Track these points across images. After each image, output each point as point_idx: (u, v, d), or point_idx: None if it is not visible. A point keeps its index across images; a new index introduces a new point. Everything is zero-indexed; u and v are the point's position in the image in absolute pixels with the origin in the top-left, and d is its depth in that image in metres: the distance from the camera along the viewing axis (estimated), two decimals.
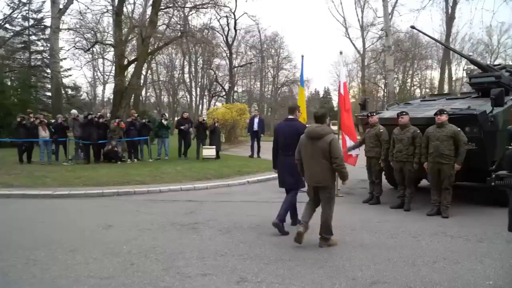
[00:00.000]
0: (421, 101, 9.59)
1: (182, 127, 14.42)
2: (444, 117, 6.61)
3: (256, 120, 15.61)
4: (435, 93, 24.77)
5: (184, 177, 10.27)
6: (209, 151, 13.95)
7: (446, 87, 39.22)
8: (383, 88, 65.89)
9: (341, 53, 8.86)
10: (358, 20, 53.57)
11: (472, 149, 6.78)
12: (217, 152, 14.81)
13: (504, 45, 50.47)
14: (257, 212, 7.00)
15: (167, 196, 8.49)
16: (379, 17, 44.66)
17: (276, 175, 6.06)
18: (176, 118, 29.40)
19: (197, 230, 5.79)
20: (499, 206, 7.23)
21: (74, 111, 15.30)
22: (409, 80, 55.86)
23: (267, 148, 22.06)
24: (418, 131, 7.00)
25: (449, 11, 36.75)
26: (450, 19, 36.65)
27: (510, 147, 4.98)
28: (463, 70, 42.91)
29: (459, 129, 6.54)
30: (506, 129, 5.34)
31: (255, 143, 15.46)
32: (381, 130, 7.42)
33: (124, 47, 19.14)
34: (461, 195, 7.80)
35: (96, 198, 8.25)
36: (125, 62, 17.99)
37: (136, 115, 14.71)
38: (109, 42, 22.86)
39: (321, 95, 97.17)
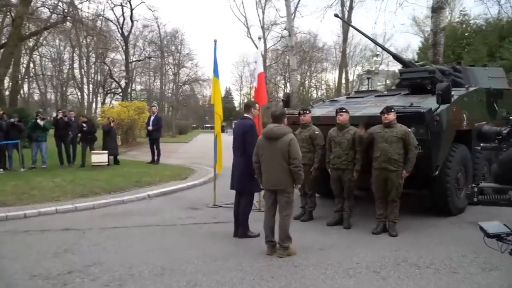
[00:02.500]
0: (347, 98, 8.63)
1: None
2: (392, 116, 5.53)
3: (151, 118, 13.44)
4: (333, 94, 25.12)
5: (63, 193, 7.89)
6: (98, 157, 11.49)
7: (344, 89, 40.87)
8: (283, 88, 67.56)
9: (259, 38, 7.46)
10: (260, 20, 53.90)
11: (419, 152, 5.83)
12: (115, 157, 12.55)
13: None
14: (163, 243, 5.18)
15: (35, 223, 6.18)
16: (282, 17, 45.34)
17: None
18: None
19: (70, 287, 3.80)
20: (439, 214, 6.53)
21: None
22: (307, 82, 57.68)
23: (169, 151, 20.43)
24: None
25: (346, 15, 38.46)
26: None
27: (480, 147, 4.19)
28: (362, 72, 45.66)
29: (409, 129, 5.51)
30: (474, 127, 4.42)
31: (154, 146, 13.29)
32: (316, 132, 6.10)
33: None
34: None
35: None
36: None
37: (1, 112, 11.59)
38: None
39: (222, 95, 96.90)
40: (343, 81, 41.41)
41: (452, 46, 21.64)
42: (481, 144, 4.14)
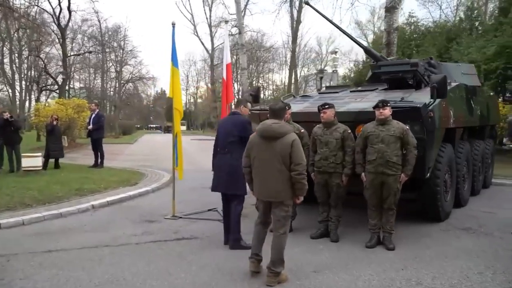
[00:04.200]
0: (319, 93, 7.90)
1: None
2: (387, 111, 4.79)
3: (92, 116, 11.88)
4: (282, 94, 24.63)
5: None
6: (31, 161, 9.83)
7: (293, 89, 40.81)
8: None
9: (226, 22, 6.50)
10: (207, 18, 52.65)
11: None
12: (56, 160, 11.02)
13: (331, 54, 57.19)
14: (114, 273, 4.03)
15: None
16: (231, 14, 44.40)
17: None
18: None
19: None
20: (426, 219, 5.98)
21: None
22: (254, 81, 57.41)
23: (114, 153, 18.68)
24: (349, 131, 5.08)
25: (295, 15, 38.34)
26: (297, 22, 38.15)
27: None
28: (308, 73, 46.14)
29: (407, 127, 4.81)
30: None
31: (97, 148, 11.76)
32: (302, 131, 5.23)
33: None
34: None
35: None
36: None
37: None
38: None
39: (167, 95, 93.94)
40: (293, 81, 41.39)
41: (402, 47, 21.88)
42: None
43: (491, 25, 17.91)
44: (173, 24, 6.40)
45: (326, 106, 5.08)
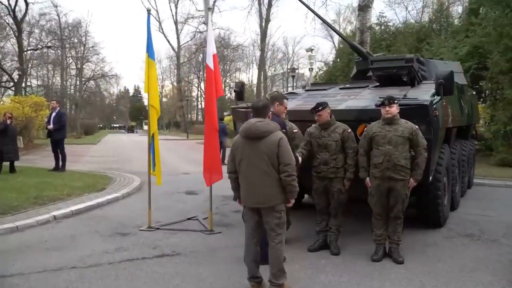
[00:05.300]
0: (305, 90, 7.38)
1: None
2: (395, 109, 4.32)
3: (52, 115, 10.75)
4: (251, 93, 24.13)
5: None
6: None
7: (262, 89, 40.41)
8: (197, 87, 65.56)
9: (209, 9, 5.86)
10: (172, 15, 51.34)
11: None
12: (11, 163, 9.93)
13: (297, 54, 58.21)
14: None
15: None
16: (199, 11, 43.40)
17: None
18: None
19: None
20: (430, 226, 5.58)
21: None
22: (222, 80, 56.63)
23: (76, 155, 17.41)
24: (349, 130, 4.58)
25: (264, 14, 37.97)
26: (266, 21, 37.77)
27: None
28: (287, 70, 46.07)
29: (416, 126, 4.36)
30: None
31: (58, 149, 10.72)
32: (294, 130, 4.67)
33: None
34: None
35: None
36: None
37: None
38: None
39: (131, 94, 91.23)
40: (262, 80, 41.00)
41: (373, 47, 21.89)
42: None
43: (461, 26, 18.15)
44: (148, 11, 5.70)
45: (319, 108, 4.53)
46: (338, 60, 27.05)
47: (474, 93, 10.83)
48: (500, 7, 12.25)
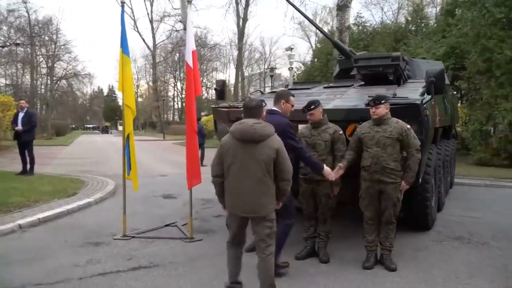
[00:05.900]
0: (289, 89, 7.12)
1: None
2: (382, 109, 4.10)
3: (20, 115, 10.11)
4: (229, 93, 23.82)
5: None
6: None
7: (240, 88, 40.11)
8: (173, 87, 64.63)
9: (189, 2, 5.53)
10: (148, 13, 50.30)
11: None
12: None
13: (274, 54, 58.61)
14: None
15: None
16: (175, 9, 42.60)
17: None
18: None
19: None
20: (418, 229, 5.41)
21: None
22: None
23: (46, 157, 16.61)
24: (341, 132, 4.33)
25: (241, 12, 37.66)
26: (243, 20, 37.47)
27: None
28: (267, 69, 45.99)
29: (408, 126, 4.15)
30: None
31: (26, 151, 10.09)
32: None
33: None
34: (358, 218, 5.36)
35: None
36: None
37: None
38: None
39: (105, 93, 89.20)
40: (240, 80, 40.69)
41: (351, 47, 21.94)
42: None
43: (437, 27, 18.35)
44: (123, 3, 5.28)
45: (312, 107, 4.28)
46: (316, 60, 27.08)
47: (455, 93, 10.88)
48: (477, 8, 12.37)
